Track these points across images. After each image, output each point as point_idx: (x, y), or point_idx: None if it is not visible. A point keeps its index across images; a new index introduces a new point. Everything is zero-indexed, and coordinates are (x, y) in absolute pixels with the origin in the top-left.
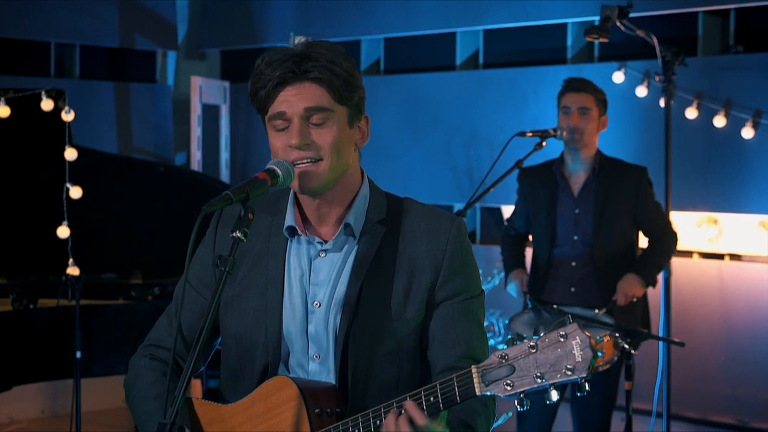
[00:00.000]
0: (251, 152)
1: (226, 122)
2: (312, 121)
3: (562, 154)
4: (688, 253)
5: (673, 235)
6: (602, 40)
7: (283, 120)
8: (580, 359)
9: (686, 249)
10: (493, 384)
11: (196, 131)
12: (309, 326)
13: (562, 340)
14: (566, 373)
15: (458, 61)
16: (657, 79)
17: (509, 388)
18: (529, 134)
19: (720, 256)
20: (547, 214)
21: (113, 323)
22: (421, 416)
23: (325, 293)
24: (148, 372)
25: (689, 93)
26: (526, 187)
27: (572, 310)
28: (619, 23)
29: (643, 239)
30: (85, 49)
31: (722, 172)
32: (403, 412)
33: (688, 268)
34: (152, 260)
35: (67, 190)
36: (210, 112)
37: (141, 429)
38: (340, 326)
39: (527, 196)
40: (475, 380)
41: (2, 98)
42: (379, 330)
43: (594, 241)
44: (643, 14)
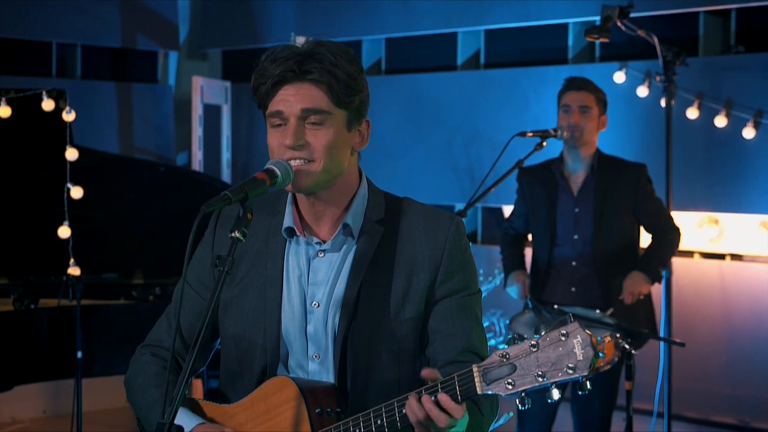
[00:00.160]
0: (252, 152)
1: (228, 122)
2: (308, 122)
3: (562, 154)
4: (689, 253)
5: (675, 230)
6: (603, 40)
7: (280, 118)
8: (581, 358)
9: (687, 249)
10: (494, 383)
11: (197, 131)
12: (308, 326)
13: (563, 338)
14: (567, 371)
15: (459, 61)
16: (658, 79)
17: (510, 387)
18: (529, 134)
19: (721, 257)
20: (547, 214)
21: (114, 323)
22: (448, 399)
23: (324, 293)
24: (150, 366)
25: (690, 93)
26: (526, 186)
27: (573, 310)
28: (620, 23)
29: (645, 237)
30: (87, 49)
31: (723, 172)
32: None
33: (689, 268)
34: (153, 260)
35: (68, 190)
36: (211, 112)
37: (143, 419)
38: (339, 326)
39: (527, 196)
40: (476, 379)
41: (3, 98)
42: (378, 330)
43: (594, 239)
44: (644, 14)
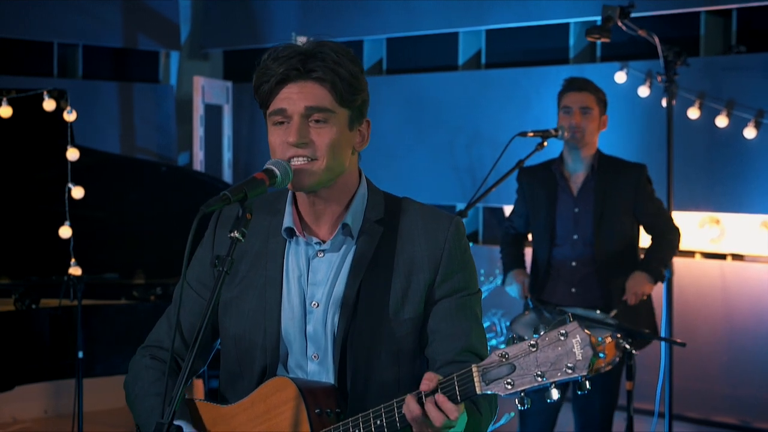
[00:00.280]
0: (254, 152)
1: (229, 122)
2: (312, 120)
3: (562, 154)
4: (690, 253)
5: (675, 231)
6: (604, 40)
7: (283, 116)
8: (580, 357)
9: (688, 249)
10: (493, 383)
11: (198, 131)
12: (307, 326)
13: (562, 338)
14: (567, 371)
15: (460, 61)
16: (659, 79)
17: (510, 386)
18: (530, 134)
19: (722, 257)
20: (547, 214)
21: (115, 323)
22: (444, 400)
23: (323, 293)
24: (148, 371)
25: (691, 93)
26: (526, 186)
27: (573, 310)
28: (620, 23)
29: (645, 238)
30: (88, 49)
31: (724, 172)
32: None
33: (691, 268)
34: (154, 260)
35: (69, 190)
36: (213, 112)
37: (142, 426)
38: (339, 326)
39: (527, 196)
40: (475, 379)
41: (4, 98)
42: (378, 330)
43: (594, 240)
44: (644, 14)
